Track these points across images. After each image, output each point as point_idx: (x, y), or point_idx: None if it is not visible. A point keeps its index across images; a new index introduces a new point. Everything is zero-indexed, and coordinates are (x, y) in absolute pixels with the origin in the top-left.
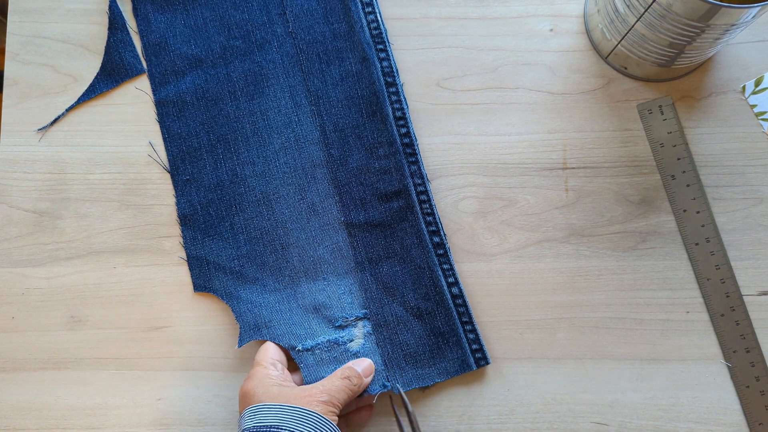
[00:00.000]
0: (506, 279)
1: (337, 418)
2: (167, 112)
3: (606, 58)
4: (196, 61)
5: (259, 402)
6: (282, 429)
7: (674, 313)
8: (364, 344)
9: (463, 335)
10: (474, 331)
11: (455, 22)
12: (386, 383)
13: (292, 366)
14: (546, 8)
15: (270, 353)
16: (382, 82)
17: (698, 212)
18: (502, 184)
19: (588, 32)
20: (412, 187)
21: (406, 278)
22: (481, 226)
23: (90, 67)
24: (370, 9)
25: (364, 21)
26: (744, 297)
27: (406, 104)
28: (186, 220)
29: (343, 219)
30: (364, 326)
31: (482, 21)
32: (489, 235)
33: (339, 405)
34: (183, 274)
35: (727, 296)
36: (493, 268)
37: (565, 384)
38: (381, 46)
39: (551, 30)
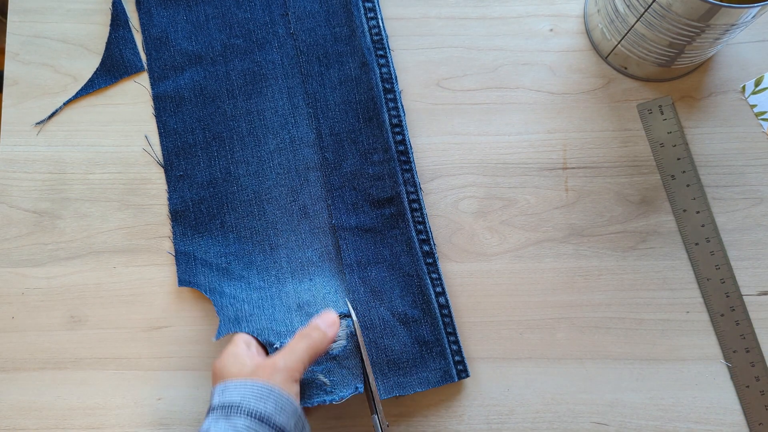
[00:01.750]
0: (506, 279)
1: (297, 385)
2: (164, 107)
3: (606, 58)
4: (195, 57)
5: (224, 379)
6: (242, 405)
7: (674, 313)
8: (346, 346)
9: (447, 346)
10: (457, 342)
11: (455, 22)
12: (358, 385)
13: None
14: (546, 8)
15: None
16: (380, 88)
17: (698, 212)
18: (502, 184)
19: (588, 32)
20: (405, 195)
21: (394, 284)
22: (481, 226)
23: (90, 66)
24: (372, 14)
25: (365, 26)
26: (744, 297)
27: (403, 111)
28: (177, 216)
29: (334, 222)
30: (348, 326)
31: (482, 21)
32: (489, 235)
33: (301, 369)
34: None
35: (727, 296)
36: (493, 268)
37: (565, 384)
38: (381, 52)
39: (551, 30)
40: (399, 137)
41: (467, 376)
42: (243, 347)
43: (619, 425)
